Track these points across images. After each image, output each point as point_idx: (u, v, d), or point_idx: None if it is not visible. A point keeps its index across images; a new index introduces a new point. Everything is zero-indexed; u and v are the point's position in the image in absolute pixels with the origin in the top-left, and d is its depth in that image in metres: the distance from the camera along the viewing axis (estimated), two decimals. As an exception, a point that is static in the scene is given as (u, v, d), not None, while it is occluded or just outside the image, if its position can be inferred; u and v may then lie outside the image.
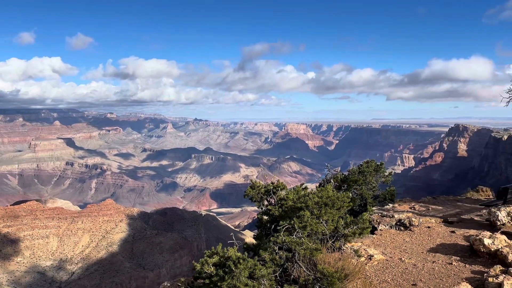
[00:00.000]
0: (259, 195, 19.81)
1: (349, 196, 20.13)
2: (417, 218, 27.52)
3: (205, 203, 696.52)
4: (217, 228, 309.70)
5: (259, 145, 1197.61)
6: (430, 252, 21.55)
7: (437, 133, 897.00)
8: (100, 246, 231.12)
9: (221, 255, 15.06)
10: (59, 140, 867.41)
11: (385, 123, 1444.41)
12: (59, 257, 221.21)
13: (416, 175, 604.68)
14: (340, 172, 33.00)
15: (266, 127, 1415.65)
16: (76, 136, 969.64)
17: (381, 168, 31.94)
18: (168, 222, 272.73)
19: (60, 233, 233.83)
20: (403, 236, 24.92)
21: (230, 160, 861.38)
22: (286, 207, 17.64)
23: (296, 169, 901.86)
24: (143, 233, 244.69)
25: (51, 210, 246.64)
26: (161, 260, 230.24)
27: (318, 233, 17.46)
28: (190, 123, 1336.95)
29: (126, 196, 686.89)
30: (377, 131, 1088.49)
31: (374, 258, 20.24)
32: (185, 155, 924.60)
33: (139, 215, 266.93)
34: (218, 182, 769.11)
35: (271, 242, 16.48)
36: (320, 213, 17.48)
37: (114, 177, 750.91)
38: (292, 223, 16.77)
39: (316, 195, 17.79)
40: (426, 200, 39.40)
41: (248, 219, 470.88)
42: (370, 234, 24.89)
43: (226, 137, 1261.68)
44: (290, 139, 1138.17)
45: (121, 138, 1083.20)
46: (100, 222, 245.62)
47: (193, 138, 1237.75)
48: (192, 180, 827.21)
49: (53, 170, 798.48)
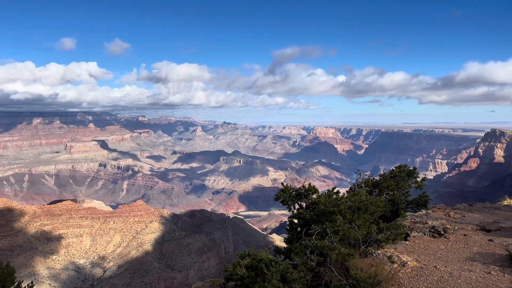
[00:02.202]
0: (291, 198, 19.79)
1: (382, 201, 19.81)
2: (453, 225, 26.73)
3: (233, 206, 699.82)
4: (244, 231, 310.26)
5: (287, 149, 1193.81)
6: (466, 261, 20.85)
7: (472, 138, 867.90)
8: (130, 246, 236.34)
9: (253, 257, 15.12)
10: (93, 142, 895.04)
11: (416, 127, 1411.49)
12: (92, 256, 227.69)
13: (449, 181, 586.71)
14: (371, 176, 32.46)
15: (294, 130, 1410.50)
16: (109, 138, 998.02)
17: (413, 173, 31.21)
18: (197, 224, 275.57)
19: (93, 232, 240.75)
20: (438, 243, 24.26)
21: (258, 163, 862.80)
22: (318, 211, 17.53)
23: (325, 173, 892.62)
24: (172, 234, 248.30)
25: (85, 210, 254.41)
26: (189, 261, 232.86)
27: (350, 238, 17.25)
28: (219, 126, 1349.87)
29: (156, 198, 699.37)
30: (408, 135, 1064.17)
31: (408, 265, 19.78)
32: (214, 158, 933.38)
33: (169, 216, 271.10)
34: (246, 185, 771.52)
35: (303, 246, 16.41)
36: (353, 217, 17.27)
37: (145, 178, 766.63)
38: (324, 227, 16.64)
39: (349, 199, 17.60)
40: (462, 207, 38.19)
41: (276, 223, 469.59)
42: (403, 241, 24.38)
43: (254, 140, 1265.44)
44: (318, 143, 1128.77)
45: (152, 141, 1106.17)
46: (131, 223, 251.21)
47: (221, 141, 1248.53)
48: (221, 183, 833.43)
49: (87, 171, 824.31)
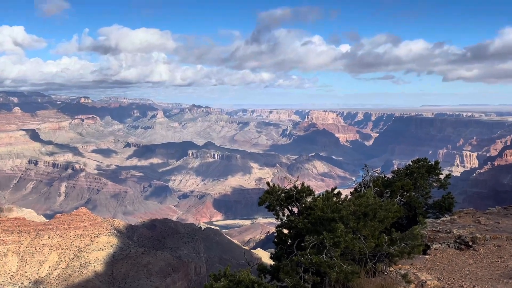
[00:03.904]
0: (279, 202, 19.88)
1: (395, 204, 20.08)
2: (484, 234, 27.29)
3: (206, 214, 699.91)
4: (220, 245, 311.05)
5: (275, 139, 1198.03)
6: (501, 278, 21.34)
7: (509, 124, 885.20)
8: (71, 267, 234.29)
9: (231, 278, 15.18)
10: (20, 132, 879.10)
11: (440, 110, 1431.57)
12: (20, 281, 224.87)
13: (480, 178, 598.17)
14: (382, 174, 32.80)
15: (284, 115, 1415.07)
16: (41, 126, 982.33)
17: (435, 169, 31.69)
18: (158, 238, 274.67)
19: (21, 250, 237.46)
20: (465, 257, 24.74)
21: (238, 158, 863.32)
22: (314, 218, 17.68)
23: (324, 171, 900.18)
24: (126, 252, 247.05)
25: (10, 221, 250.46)
26: (149, 285, 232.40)
27: (354, 252, 17.47)
28: (186, 111, 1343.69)
29: (105, 204, 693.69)
30: (430, 121, 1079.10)
31: (428, 285, 20.16)
32: (180, 152, 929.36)
33: (122, 228, 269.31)
34: (222, 187, 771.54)
35: (294, 263, 16.55)
36: (357, 226, 17.47)
37: (89, 179, 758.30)
38: (321, 238, 16.81)
39: (353, 202, 17.80)
40: (495, 212, 38.93)
41: (261, 234, 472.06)
42: (422, 255, 24.80)
43: (233, 128, 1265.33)
44: (315, 131, 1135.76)
45: (98, 130, 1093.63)
46: (72, 237, 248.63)
47: (190, 130, 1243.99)
48: (189, 184, 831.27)
49: (13, 170, 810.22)
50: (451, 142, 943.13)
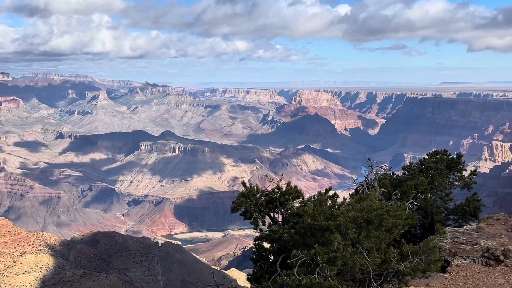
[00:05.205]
0: (257, 208, 19.92)
1: (406, 209, 20.31)
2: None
3: (164, 225, 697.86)
4: (183, 265, 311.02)
5: (253, 127, 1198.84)
6: (538, 301, 21.77)
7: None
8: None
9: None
10: None
11: (463, 89, 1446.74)
12: None
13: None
14: (390, 170, 33.18)
15: (265, 96, 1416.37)
16: None
17: (457, 165, 32.15)
18: (102, 257, 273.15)
19: None
20: (494, 275, 25.14)
21: (206, 152, 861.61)
22: (303, 227, 17.77)
23: (316, 167, 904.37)
24: (60, 275, 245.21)
25: None
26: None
27: (355, 270, 17.63)
28: (137, 91, 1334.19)
29: (32, 213, 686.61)
30: (450, 103, 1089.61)
31: (447, 312, 20.49)
32: (130, 145, 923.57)
33: (55, 244, 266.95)
34: (185, 190, 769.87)
35: (278, 285, 16.64)
36: (359, 236, 17.62)
37: (11, 180, 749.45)
38: (312, 253, 16.91)
39: (353, 207, 17.93)
40: (532, 217, 39.66)
41: (236, 250, 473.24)
42: (441, 273, 25.14)
43: (199, 113, 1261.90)
44: (305, 117, 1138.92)
45: (22, 116, 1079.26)
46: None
47: (142, 116, 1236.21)
48: (142, 186, 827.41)
49: None
50: (477, 130, 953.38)
